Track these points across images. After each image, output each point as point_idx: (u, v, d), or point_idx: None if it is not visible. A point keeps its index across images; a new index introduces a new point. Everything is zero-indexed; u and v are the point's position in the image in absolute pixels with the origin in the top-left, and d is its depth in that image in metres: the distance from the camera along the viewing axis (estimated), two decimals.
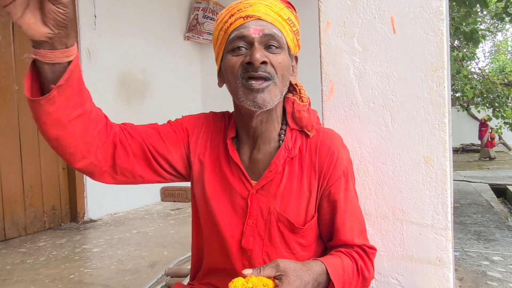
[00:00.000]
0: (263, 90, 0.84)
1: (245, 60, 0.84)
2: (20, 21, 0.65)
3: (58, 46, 0.69)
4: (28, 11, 0.66)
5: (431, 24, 1.00)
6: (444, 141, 1.00)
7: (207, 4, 4.54)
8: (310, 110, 0.97)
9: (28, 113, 3.27)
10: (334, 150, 0.92)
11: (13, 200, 2.94)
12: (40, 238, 2.91)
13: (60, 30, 0.68)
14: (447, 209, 1.00)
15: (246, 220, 0.92)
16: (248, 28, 0.84)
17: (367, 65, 1.06)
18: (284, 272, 0.75)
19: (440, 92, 0.99)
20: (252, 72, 0.83)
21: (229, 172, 0.95)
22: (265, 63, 0.84)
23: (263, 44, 0.85)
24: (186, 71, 4.54)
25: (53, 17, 0.66)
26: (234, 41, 0.86)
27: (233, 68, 0.86)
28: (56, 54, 0.70)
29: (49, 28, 0.67)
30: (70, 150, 0.81)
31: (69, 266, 2.29)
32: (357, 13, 1.07)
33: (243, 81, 0.85)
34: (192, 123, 1.00)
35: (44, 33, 0.67)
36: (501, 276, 2.19)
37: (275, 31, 0.86)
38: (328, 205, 0.93)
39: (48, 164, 3.20)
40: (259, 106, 0.85)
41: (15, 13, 0.65)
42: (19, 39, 2.98)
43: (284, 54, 0.87)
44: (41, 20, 0.66)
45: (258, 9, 0.86)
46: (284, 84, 0.89)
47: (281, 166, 0.92)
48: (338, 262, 0.86)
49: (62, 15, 0.66)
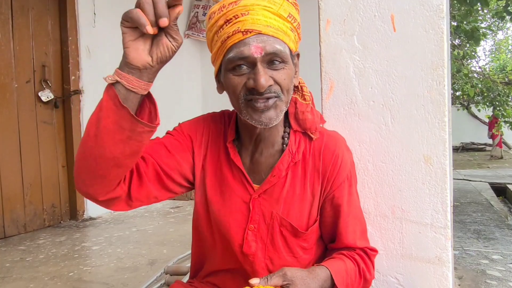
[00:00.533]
0: (269, 108, 0.81)
1: (249, 84, 0.80)
2: (129, 43, 0.70)
3: (145, 78, 0.73)
4: (141, 38, 0.71)
5: (432, 22, 0.99)
6: (444, 140, 0.99)
7: (207, 2, 4.53)
8: (314, 111, 0.94)
9: (27, 111, 3.23)
10: (339, 153, 0.91)
11: (12, 198, 2.94)
12: (40, 236, 2.91)
13: (159, 65, 0.73)
14: (447, 208, 0.99)
15: (248, 225, 0.91)
16: (249, 46, 0.78)
17: (367, 64, 1.06)
18: (292, 281, 0.75)
19: (440, 90, 0.99)
20: (257, 95, 0.80)
21: (230, 176, 0.93)
22: (270, 85, 0.80)
23: (265, 62, 0.80)
24: (186, 69, 4.54)
25: (163, 50, 0.71)
26: (234, 60, 0.80)
27: (235, 88, 0.82)
28: (141, 84, 0.73)
29: (152, 59, 0.71)
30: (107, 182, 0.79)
31: (69, 264, 2.29)
32: (357, 11, 1.06)
33: (246, 101, 0.82)
34: (192, 129, 0.96)
35: (144, 62, 0.71)
36: (501, 275, 2.19)
37: (278, 47, 0.80)
38: (331, 208, 0.92)
39: (48, 162, 3.20)
40: (265, 124, 0.83)
41: (130, 36, 0.70)
42: (18, 36, 2.97)
43: (288, 67, 0.83)
44: (148, 50, 0.71)
45: (257, 19, 0.79)
46: (289, 96, 0.86)
47: (284, 171, 0.90)
48: (341, 266, 0.86)
49: (171, 51, 0.72)
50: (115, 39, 3.63)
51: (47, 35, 3.20)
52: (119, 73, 0.72)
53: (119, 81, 0.72)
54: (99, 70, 3.48)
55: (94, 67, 3.43)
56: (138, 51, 0.70)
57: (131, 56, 0.70)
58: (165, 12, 0.66)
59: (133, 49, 0.70)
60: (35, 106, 3.09)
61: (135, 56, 0.70)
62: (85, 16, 3.35)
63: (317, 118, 0.94)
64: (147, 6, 0.66)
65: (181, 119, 1.04)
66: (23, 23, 3.01)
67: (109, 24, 3.55)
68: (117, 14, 3.87)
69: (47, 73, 3.17)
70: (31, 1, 3.06)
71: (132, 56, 0.70)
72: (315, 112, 0.95)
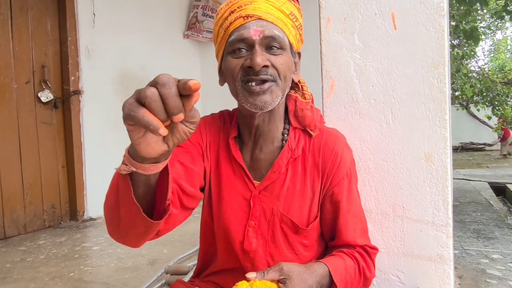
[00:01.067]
0: (264, 92, 0.82)
1: (245, 64, 0.82)
2: (139, 141, 0.58)
3: (162, 159, 0.63)
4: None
5: (432, 20, 0.99)
6: (445, 137, 0.99)
7: (206, 2, 4.52)
8: (314, 109, 0.95)
9: (27, 111, 3.22)
10: (338, 150, 0.91)
11: (12, 199, 2.94)
12: (40, 236, 2.91)
13: (175, 146, 0.62)
14: (448, 206, 0.99)
15: (248, 221, 0.91)
16: (248, 29, 0.82)
17: (368, 62, 1.06)
18: (288, 275, 0.75)
19: (441, 88, 0.99)
20: (253, 76, 0.82)
21: (231, 172, 0.93)
22: (267, 66, 0.82)
23: (264, 46, 0.83)
24: (185, 69, 4.53)
25: (180, 136, 0.58)
26: (234, 43, 0.83)
27: (233, 70, 0.84)
28: (159, 166, 0.64)
29: (168, 146, 0.60)
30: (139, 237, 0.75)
31: (69, 264, 2.29)
32: (358, 9, 1.06)
33: (243, 84, 0.83)
34: (197, 135, 0.95)
35: (161, 151, 0.60)
36: (501, 274, 2.19)
37: (276, 32, 0.83)
38: (330, 205, 0.92)
39: (48, 162, 3.19)
40: (260, 108, 0.83)
41: (137, 133, 0.57)
42: (17, 36, 2.97)
43: (286, 54, 0.85)
44: (162, 138, 0.59)
45: (258, 7, 0.83)
46: (286, 84, 0.87)
47: (284, 167, 0.91)
48: (340, 263, 0.86)
49: (188, 134, 0.59)
50: (115, 39, 3.64)
51: (47, 35, 3.19)
52: (133, 163, 0.63)
53: (135, 171, 0.64)
54: (98, 71, 3.47)
55: (94, 67, 3.43)
56: (150, 144, 0.59)
57: (145, 152, 0.60)
58: (179, 106, 0.52)
59: (144, 145, 0.59)
60: (34, 106, 3.09)
61: (150, 151, 0.60)
62: (84, 16, 3.35)
63: (317, 116, 0.95)
64: (155, 105, 0.52)
65: None
66: (23, 23, 3.01)
67: (108, 24, 3.55)
68: (116, 15, 3.85)
69: (47, 74, 3.17)
70: (30, 1, 3.06)
71: (146, 151, 0.60)
72: (315, 110, 0.96)
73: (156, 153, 0.60)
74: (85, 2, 3.35)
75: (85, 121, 3.36)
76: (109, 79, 3.59)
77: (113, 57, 3.62)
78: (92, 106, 3.41)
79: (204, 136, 0.96)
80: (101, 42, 3.48)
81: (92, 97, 3.40)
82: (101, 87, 3.50)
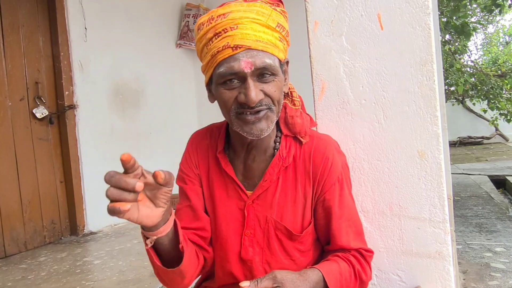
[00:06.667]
0: (259, 120, 0.83)
1: (240, 99, 0.81)
2: (140, 219, 0.69)
3: (168, 216, 0.76)
4: (141, 205, 0.69)
5: (418, 19, 1.00)
6: (437, 134, 1.00)
7: (198, 10, 4.55)
8: (303, 116, 0.95)
9: (22, 128, 3.22)
10: (328, 156, 0.92)
11: (12, 216, 2.92)
12: (41, 253, 2.89)
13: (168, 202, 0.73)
14: (444, 202, 0.99)
15: (244, 230, 0.92)
16: (239, 62, 0.79)
17: (357, 63, 1.06)
18: (282, 283, 0.76)
19: (431, 86, 0.99)
20: (248, 109, 0.82)
21: (223, 186, 0.94)
22: (261, 99, 0.82)
23: (256, 76, 0.81)
24: (179, 78, 4.54)
25: (164, 196, 0.71)
26: (225, 75, 0.81)
27: (227, 102, 0.83)
28: (169, 223, 0.77)
29: (161, 207, 0.72)
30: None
31: (71, 279, 2.28)
32: (344, 11, 1.07)
33: (237, 114, 0.83)
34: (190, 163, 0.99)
35: (160, 214, 0.72)
36: (505, 267, 2.19)
37: (267, 61, 0.81)
38: (323, 211, 0.92)
39: (45, 178, 3.18)
40: (256, 136, 0.84)
41: (133, 215, 0.68)
42: (10, 54, 2.97)
43: (278, 79, 0.84)
44: (153, 205, 0.71)
45: (246, 34, 0.79)
46: (280, 105, 0.88)
47: (275, 175, 0.91)
48: (335, 268, 0.86)
49: (170, 192, 0.72)
50: (107, 52, 3.65)
51: (39, 51, 3.20)
52: (151, 234, 0.75)
53: (157, 238, 0.76)
54: (92, 84, 3.48)
55: (88, 81, 3.43)
56: (149, 216, 0.71)
57: (149, 224, 0.72)
58: (129, 182, 0.62)
59: (145, 219, 0.70)
60: (30, 123, 3.08)
61: (152, 220, 0.72)
62: (76, 31, 3.36)
63: (307, 122, 0.95)
64: (115, 193, 0.63)
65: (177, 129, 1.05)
66: (14, 40, 3.02)
67: (100, 37, 3.56)
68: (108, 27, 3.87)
69: (41, 90, 3.17)
70: (21, 18, 3.07)
71: (149, 223, 0.72)
72: (304, 116, 0.96)
73: (157, 217, 0.72)
74: (76, 17, 3.36)
75: (81, 135, 3.35)
76: (103, 92, 3.59)
77: (107, 70, 3.63)
78: (88, 120, 3.41)
79: (196, 160, 0.98)
80: (93, 56, 3.49)
81: (87, 110, 3.40)
82: (96, 101, 3.50)
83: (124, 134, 3.71)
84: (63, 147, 3.31)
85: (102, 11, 3.58)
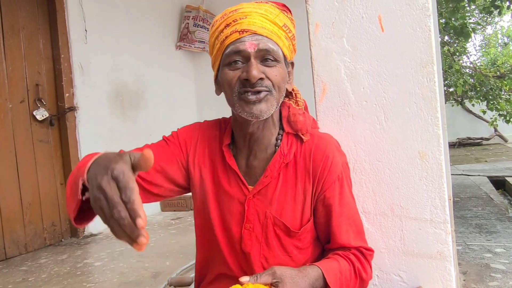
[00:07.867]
0: (260, 101, 0.86)
1: (242, 76, 0.85)
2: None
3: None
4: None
5: (418, 20, 1.01)
6: (438, 135, 1.00)
7: (197, 12, 4.56)
8: (306, 115, 0.98)
9: (23, 130, 3.22)
10: (329, 154, 0.93)
11: (12, 218, 2.92)
12: (41, 255, 2.89)
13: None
14: (445, 202, 1.00)
15: (244, 224, 0.93)
16: (244, 43, 0.85)
17: (358, 64, 1.07)
18: (281, 279, 0.77)
19: (431, 87, 1.00)
20: (249, 87, 0.85)
21: (226, 179, 0.96)
22: (262, 79, 0.85)
23: (259, 58, 0.86)
24: (179, 80, 4.55)
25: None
26: (230, 55, 0.87)
27: (230, 82, 0.87)
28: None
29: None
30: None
31: (72, 281, 2.28)
32: (345, 13, 1.08)
33: (239, 95, 0.87)
34: (188, 134, 1.01)
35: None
36: (505, 268, 2.19)
37: (271, 45, 0.86)
38: (323, 209, 0.93)
39: (46, 180, 3.19)
40: (256, 117, 0.87)
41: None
42: (10, 56, 2.98)
43: (280, 66, 0.89)
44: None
45: (253, 21, 0.86)
46: (280, 94, 0.90)
47: (276, 172, 0.93)
48: (335, 266, 0.87)
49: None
50: (108, 54, 3.66)
51: (39, 53, 3.20)
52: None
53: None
54: (93, 86, 3.48)
55: (88, 83, 3.44)
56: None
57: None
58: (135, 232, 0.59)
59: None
60: (30, 125, 3.09)
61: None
62: (76, 33, 3.36)
63: (309, 121, 0.97)
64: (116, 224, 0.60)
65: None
66: (15, 43, 3.02)
67: (101, 39, 3.56)
68: (108, 30, 3.88)
69: (41, 92, 3.18)
70: (22, 20, 3.08)
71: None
72: (307, 115, 0.98)
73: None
74: (77, 19, 3.37)
75: (82, 137, 3.36)
76: (104, 94, 3.60)
77: (107, 71, 3.63)
78: (88, 122, 3.41)
79: (196, 139, 1.00)
80: (94, 58, 3.49)
81: (88, 112, 3.40)
82: (96, 102, 3.51)
83: (124, 136, 3.71)
84: (63, 149, 3.31)
85: (102, 13, 3.59)
